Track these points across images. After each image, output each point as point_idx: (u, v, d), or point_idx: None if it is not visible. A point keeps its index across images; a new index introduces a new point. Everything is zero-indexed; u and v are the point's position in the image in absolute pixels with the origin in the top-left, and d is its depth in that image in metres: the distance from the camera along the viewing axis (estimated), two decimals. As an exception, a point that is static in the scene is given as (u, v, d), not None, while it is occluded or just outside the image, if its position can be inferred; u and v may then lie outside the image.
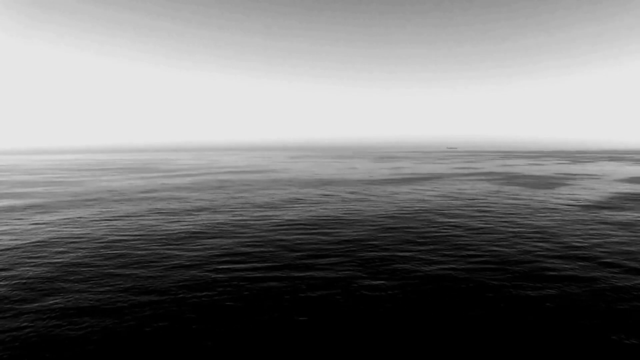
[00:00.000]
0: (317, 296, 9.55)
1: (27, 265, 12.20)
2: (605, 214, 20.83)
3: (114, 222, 19.32)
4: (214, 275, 11.25)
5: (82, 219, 20.48)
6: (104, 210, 23.45)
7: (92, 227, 18.19)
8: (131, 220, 20.27)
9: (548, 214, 20.73)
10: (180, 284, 10.53)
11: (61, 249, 14.47)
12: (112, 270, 11.69)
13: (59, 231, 17.43)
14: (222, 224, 18.73)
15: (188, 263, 12.42)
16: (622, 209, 22.51)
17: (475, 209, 22.81)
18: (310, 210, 22.43)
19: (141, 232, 17.02)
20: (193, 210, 22.95)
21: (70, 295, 9.69)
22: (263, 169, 74.47)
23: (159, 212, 22.68)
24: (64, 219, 20.65)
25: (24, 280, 10.79)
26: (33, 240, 15.67)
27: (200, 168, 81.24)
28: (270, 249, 13.83)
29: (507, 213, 21.19)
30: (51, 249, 14.40)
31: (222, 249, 13.89)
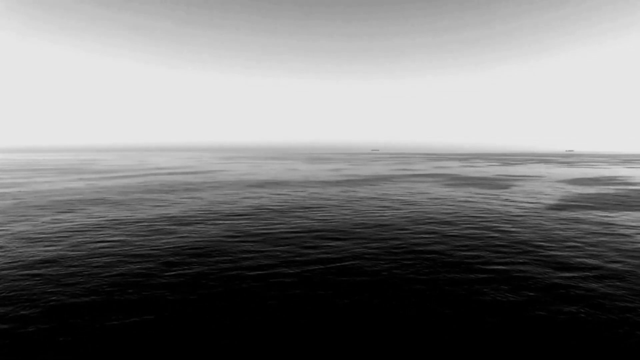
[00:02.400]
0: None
1: None
2: (575, 215, 21.81)
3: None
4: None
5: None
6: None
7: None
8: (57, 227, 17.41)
9: (518, 217, 21.44)
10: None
11: None
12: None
13: None
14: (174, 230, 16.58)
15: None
16: (590, 208, 24.17)
17: (445, 212, 22.96)
18: (279, 216, 20.98)
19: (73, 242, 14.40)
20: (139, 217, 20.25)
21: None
22: (200, 170, 71.44)
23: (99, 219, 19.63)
24: None
25: None
26: None
27: (137, 169, 75.76)
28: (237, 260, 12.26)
29: (479, 217, 21.57)
30: None
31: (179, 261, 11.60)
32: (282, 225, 18.89)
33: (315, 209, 24.04)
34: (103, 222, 19.59)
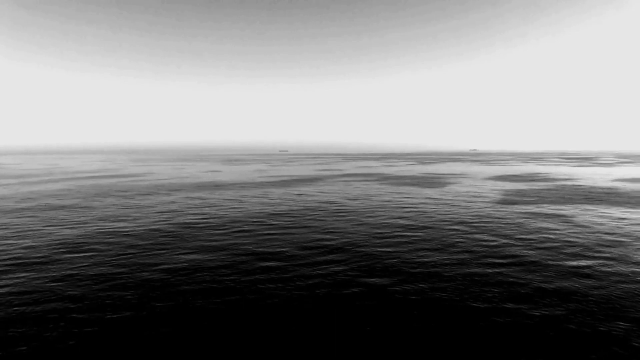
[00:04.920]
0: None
1: None
2: (528, 210, 23.12)
3: None
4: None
5: None
6: None
7: None
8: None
9: (473, 216, 22.33)
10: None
11: None
12: None
13: None
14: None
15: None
16: (531, 203, 26.04)
17: (400, 215, 23.21)
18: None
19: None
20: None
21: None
22: (122, 174, 65.60)
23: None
24: None
25: None
26: None
27: (52, 174, 67.02)
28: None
29: (436, 218, 22.10)
30: None
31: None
32: (242, 234, 17.61)
33: (273, 216, 22.93)
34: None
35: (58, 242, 16.42)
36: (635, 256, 13.71)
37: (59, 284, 11.16)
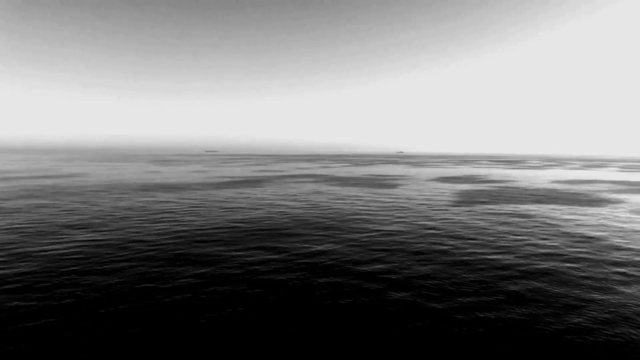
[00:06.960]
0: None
1: None
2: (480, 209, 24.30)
3: None
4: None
5: None
6: None
7: None
8: None
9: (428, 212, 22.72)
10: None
11: None
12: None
13: None
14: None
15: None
16: (484, 203, 26.94)
17: (355, 211, 22.97)
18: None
19: None
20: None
21: None
22: (60, 174, 59.29)
23: None
24: None
25: None
26: None
27: None
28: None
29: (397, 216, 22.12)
30: None
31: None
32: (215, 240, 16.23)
33: (233, 221, 21.46)
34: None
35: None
36: (609, 255, 14.42)
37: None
